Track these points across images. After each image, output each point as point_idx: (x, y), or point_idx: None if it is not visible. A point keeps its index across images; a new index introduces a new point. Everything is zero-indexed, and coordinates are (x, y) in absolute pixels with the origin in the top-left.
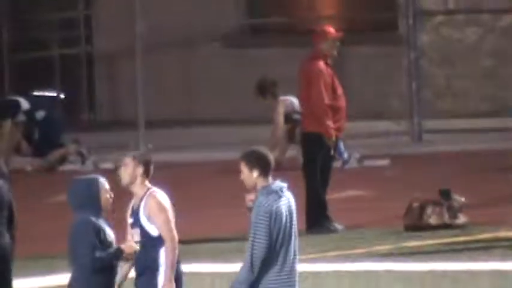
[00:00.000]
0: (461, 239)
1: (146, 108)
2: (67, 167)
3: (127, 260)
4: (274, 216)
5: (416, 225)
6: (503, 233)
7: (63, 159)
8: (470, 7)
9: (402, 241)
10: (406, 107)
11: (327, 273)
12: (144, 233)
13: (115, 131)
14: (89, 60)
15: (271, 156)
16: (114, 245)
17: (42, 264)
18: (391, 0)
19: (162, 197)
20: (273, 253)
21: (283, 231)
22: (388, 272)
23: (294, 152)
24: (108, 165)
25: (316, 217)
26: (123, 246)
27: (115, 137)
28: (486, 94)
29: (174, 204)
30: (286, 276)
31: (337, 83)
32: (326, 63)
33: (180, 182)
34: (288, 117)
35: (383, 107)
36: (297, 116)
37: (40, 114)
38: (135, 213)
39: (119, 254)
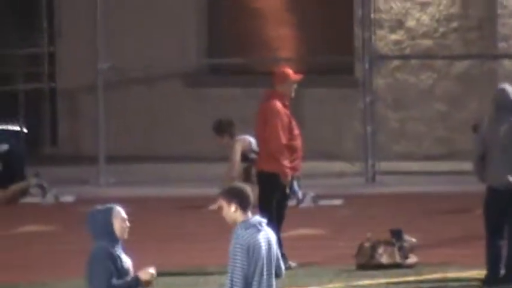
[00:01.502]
0: (412, 278)
1: (107, 143)
2: (28, 199)
3: (145, 287)
4: (252, 250)
5: (368, 264)
6: (452, 274)
7: (24, 192)
8: (425, 53)
9: (354, 279)
10: (360, 149)
11: None
12: None
13: (76, 165)
14: (52, 95)
15: (250, 192)
16: (131, 272)
17: None
18: (348, 44)
19: None
20: (250, 285)
21: (262, 264)
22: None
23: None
24: (68, 199)
25: None
26: (140, 273)
27: (76, 171)
28: (439, 137)
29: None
30: None
31: (294, 123)
32: (284, 104)
33: (139, 216)
34: (245, 156)
35: (338, 148)
36: (253, 156)
37: (3, 147)
38: None
39: (135, 282)
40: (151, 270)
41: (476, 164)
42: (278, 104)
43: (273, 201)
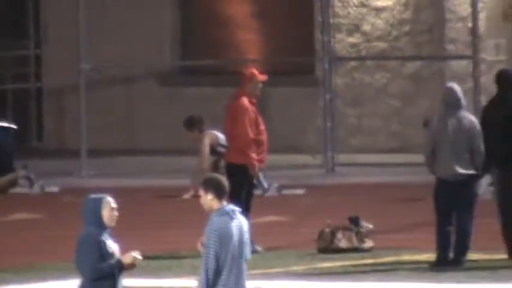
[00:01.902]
0: (368, 261)
1: (88, 138)
2: (17, 189)
3: (128, 269)
4: (224, 235)
5: (328, 248)
6: (406, 257)
7: (12, 183)
8: (379, 54)
9: (315, 262)
10: (321, 143)
11: None
12: None
13: (60, 159)
14: (38, 94)
15: (226, 183)
16: (116, 257)
17: (13, 275)
18: (309, 46)
19: None
20: (222, 267)
21: (232, 249)
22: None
23: None
24: (53, 189)
25: None
26: (123, 257)
27: (60, 163)
28: (393, 132)
29: None
30: (235, 284)
31: (260, 119)
32: (251, 102)
33: (118, 205)
34: (213, 150)
35: (300, 142)
36: (221, 149)
37: None
38: None
39: (118, 265)
40: (134, 254)
41: (428, 157)
42: (246, 102)
43: (243, 191)
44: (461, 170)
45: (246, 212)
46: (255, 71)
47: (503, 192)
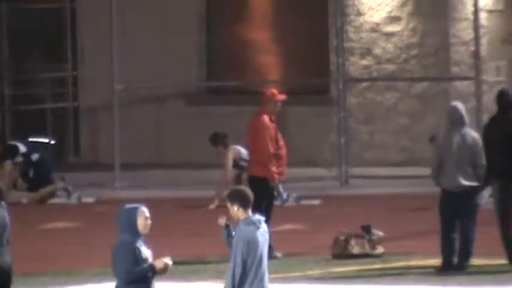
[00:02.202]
0: (379, 266)
1: (121, 153)
2: (55, 200)
3: (161, 273)
4: (252, 243)
5: (342, 254)
6: (414, 262)
7: (52, 194)
8: (389, 76)
9: (330, 267)
10: (336, 157)
11: None
12: None
13: (95, 172)
14: (75, 112)
15: (250, 194)
16: (149, 261)
17: (36, 280)
18: (324, 68)
19: None
20: (249, 271)
21: (259, 255)
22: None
23: None
24: (89, 200)
25: None
26: (155, 262)
27: (95, 176)
28: (402, 147)
29: None
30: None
31: (279, 135)
32: (271, 119)
33: (157, 216)
34: (236, 164)
35: (317, 156)
36: (243, 163)
37: (35, 156)
38: None
39: (151, 269)
40: (166, 260)
41: (434, 170)
42: (266, 119)
43: (263, 202)
44: (464, 182)
45: (267, 221)
46: (275, 91)
47: (503, 202)
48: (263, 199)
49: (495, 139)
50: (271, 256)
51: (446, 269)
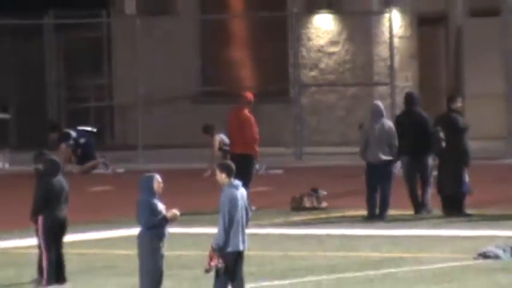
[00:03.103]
0: (324, 215)
1: (143, 137)
2: (96, 171)
3: (171, 221)
4: (234, 200)
5: (297, 207)
6: (348, 213)
7: (94, 167)
8: (331, 83)
9: (290, 217)
10: (293, 140)
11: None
12: None
13: (125, 151)
14: (110, 109)
15: (234, 167)
16: (163, 213)
17: (85, 227)
18: (285, 77)
19: None
20: (233, 221)
21: (240, 209)
22: (282, 235)
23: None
24: (120, 171)
25: None
26: (167, 213)
27: (125, 154)
28: (340, 132)
29: None
30: (240, 234)
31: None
32: (250, 112)
33: (164, 180)
34: (220, 147)
35: (280, 139)
36: (226, 147)
37: (82, 140)
38: None
39: (164, 218)
40: (175, 211)
41: (362, 148)
42: (248, 113)
43: (248, 173)
44: (383, 157)
45: (245, 184)
46: (250, 94)
47: (410, 171)
48: (248, 171)
49: (404, 127)
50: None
51: (371, 218)
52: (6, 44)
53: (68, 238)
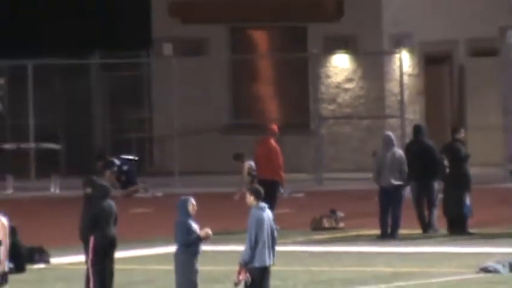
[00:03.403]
0: (341, 234)
1: (179, 165)
2: (138, 195)
3: (205, 240)
4: (260, 221)
5: (317, 227)
6: (363, 232)
7: (136, 191)
8: (347, 116)
9: (310, 235)
10: (314, 167)
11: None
12: None
13: (164, 176)
14: (150, 140)
15: (262, 190)
16: (197, 232)
17: (136, 244)
18: (306, 111)
19: None
20: (259, 240)
21: (265, 229)
22: (303, 252)
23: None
24: (159, 194)
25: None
26: (201, 232)
27: (163, 179)
28: (355, 160)
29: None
30: (266, 251)
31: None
32: (276, 142)
33: (198, 202)
34: (249, 173)
35: (302, 166)
36: (254, 173)
37: (125, 167)
38: None
39: (198, 237)
40: (207, 230)
41: (375, 174)
42: (275, 143)
43: (274, 197)
44: (394, 182)
45: (271, 207)
46: (276, 126)
47: (418, 195)
48: (274, 195)
49: (413, 155)
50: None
51: (384, 236)
52: (57, 81)
53: (129, 254)
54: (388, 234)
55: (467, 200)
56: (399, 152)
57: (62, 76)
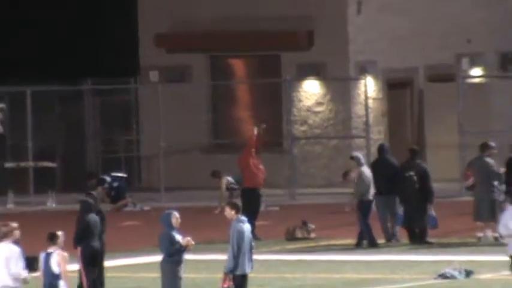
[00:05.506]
0: (313, 244)
1: (165, 181)
2: (127, 208)
3: (186, 248)
4: (241, 234)
5: (291, 237)
6: (333, 242)
7: (125, 205)
8: (317, 136)
9: (285, 245)
10: (287, 183)
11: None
12: None
13: (150, 192)
14: (138, 158)
15: (240, 204)
16: (180, 242)
17: (126, 253)
18: (280, 131)
19: None
20: (241, 250)
21: (246, 240)
22: (278, 260)
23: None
24: (146, 208)
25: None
26: (182, 240)
27: (150, 195)
28: (324, 176)
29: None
30: (247, 260)
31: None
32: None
33: (181, 215)
34: (227, 187)
35: (276, 182)
36: (233, 186)
37: (115, 183)
38: None
39: (180, 246)
40: (189, 238)
41: (366, 188)
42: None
43: (255, 206)
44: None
45: (250, 220)
46: (252, 145)
47: (382, 208)
48: (255, 204)
49: (378, 171)
50: (256, 238)
51: (358, 245)
52: (52, 106)
53: (115, 263)
54: (362, 243)
55: (432, 213)
56: (367, 170)
57: (58, 101)
